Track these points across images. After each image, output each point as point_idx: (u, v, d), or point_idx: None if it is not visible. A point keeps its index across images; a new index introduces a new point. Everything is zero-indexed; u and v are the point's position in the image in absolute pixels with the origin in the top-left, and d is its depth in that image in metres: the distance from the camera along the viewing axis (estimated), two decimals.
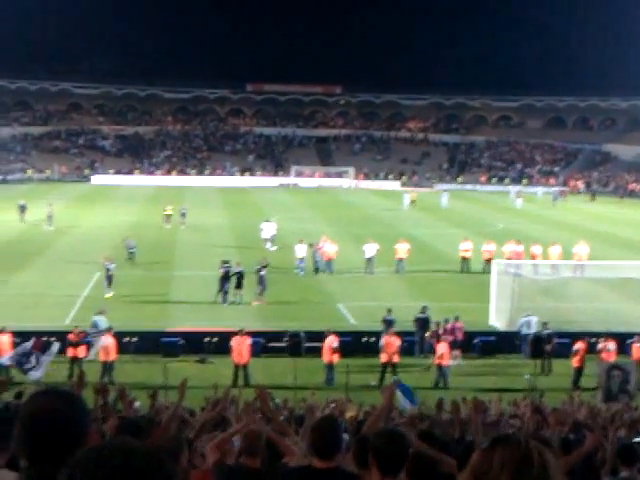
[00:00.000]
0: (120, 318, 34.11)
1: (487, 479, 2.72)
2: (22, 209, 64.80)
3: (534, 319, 32.85)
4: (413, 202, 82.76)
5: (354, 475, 6.23)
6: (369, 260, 46.95)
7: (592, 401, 24.02)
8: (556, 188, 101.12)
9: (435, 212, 79.60)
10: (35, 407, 3.33)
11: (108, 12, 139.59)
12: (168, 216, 64.01)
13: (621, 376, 26.06)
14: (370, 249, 47.07)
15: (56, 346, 26.46)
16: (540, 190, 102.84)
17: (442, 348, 29.79)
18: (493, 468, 2.73)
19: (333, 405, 21.08)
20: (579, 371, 29.87)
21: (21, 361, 25.09)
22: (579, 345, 30.00)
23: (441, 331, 31.79)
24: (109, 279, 40.41)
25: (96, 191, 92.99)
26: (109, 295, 40.01)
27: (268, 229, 54.92)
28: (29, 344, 25.68)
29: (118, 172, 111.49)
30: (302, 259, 46.21)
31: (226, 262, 40.33)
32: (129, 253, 47.62)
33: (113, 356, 28.98)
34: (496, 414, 19.52)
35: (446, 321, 32.68)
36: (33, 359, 25.11)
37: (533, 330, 32.52)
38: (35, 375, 24.85)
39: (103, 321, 31.42)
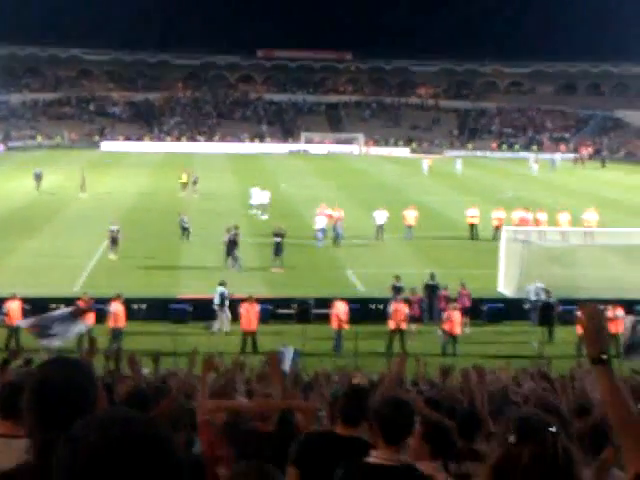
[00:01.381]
0: (129, 285, 34.26)
1: (511, 477, 2.72)
2: (38, 177, 63.59)
3: (542, 286, 32.82)
4: (430, 168, 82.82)
5: (373, 446, 6.26)
6: (380, 227, 46.84)
7: None
8: (557, 154, 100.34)
9: (448, 178, 79.40)
10: (44, 375, 3.38)
11: None
12: (184, 184, 63.46)
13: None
14: (380, 216, 46.97)
15: (86, 324, 26.06)
16: (558, 156, 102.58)
17: (454, 316, 29.75)
18: (520, 469, 2.73)
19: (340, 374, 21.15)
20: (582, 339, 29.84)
21: (45, 329, 24.55)
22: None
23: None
24: (113, 241, 41.02)
25: (106, 157, 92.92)
26: (113, 257, 40.70)
27: (258, 196, 54.37)
28: (67, 310, 25.15)
29: (128, 139, 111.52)
30: (322, 229, 45.55)
31: (235, 228, 40.46)
32: (183, 229, 45.98)
33: (122, 323, 29.07)
34: (505, 381, 19.55)
35: (446, 288, 32.69)
36: (59, 327, 24.64)
37: (542, 297, 32.49)
38: (51, 342, 24.55)
39: (226, 292, 31.73)
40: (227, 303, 31.48)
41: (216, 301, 31.46)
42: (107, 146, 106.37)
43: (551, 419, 3.15)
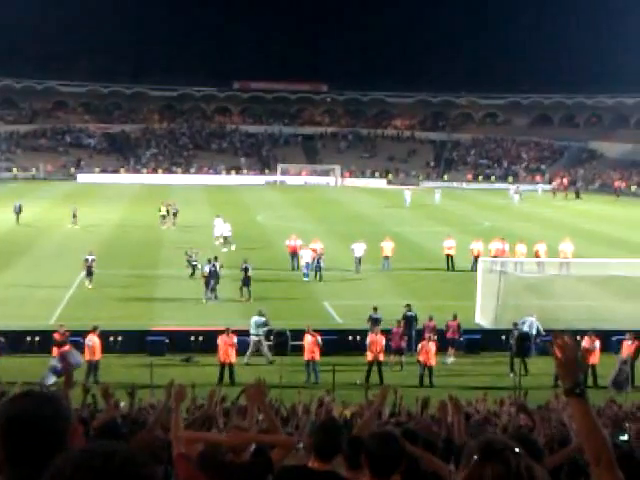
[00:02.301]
0: (106, 317, 34.09)
1: None
2: (17, 210, 63.14)
3: (535, 321, 32.86)
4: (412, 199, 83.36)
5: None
6: (358, 259, 46.67)
7: None
8: (516, 185, 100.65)
9: (425, 209, 79.68)
10: (14, 410, 3.29)
11: (94, 10, 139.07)
12: (163, 216, 62.90)
13: (626, 370, 27.18)
14: (359, 248, 46.89)
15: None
16: (540, 187, 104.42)
17: (429, 347, 29.74)
18: None
19: (318, 403, 21.08)
20: None
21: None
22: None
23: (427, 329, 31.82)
24: (88, 271, 41.52)
25: (82, 189, 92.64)
26: (89, 285, 41.21)
27: (220, 227, 54.18)
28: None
29: (104, 170, 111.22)
30: (308, 264, 44.96)
31: (215, 259, 40.50)
32: (191, 266, 43.95)
33: (98, 355, 28.87)
34: (483, 413, 19.54)
35: (431, 319, 32.63)
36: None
37: (534, 331, 32.53)
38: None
39: (261, 320, 31.91)
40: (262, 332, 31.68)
41: (252, 331, 31.46)
42: (83, 178, 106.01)
43: (517, 444, 3.13)
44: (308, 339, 30.00)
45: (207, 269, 39.75)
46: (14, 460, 3.20)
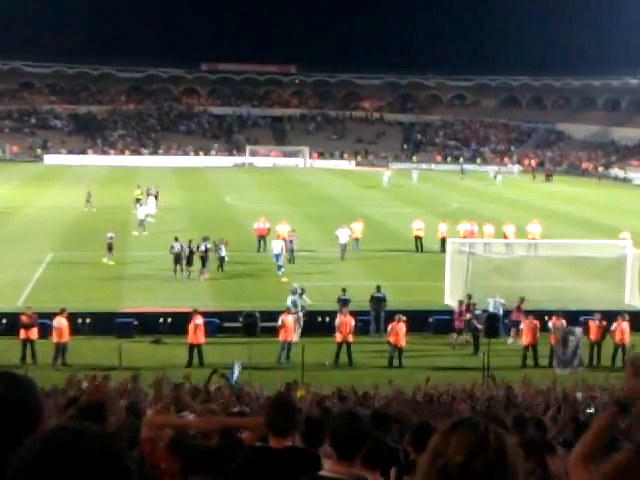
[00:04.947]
0: (75, 299, 33.90)
1: (443, 460, 2.69)
2: None
3: (502, 300, 33.22)
4: (390, 180, 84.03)
5: (309, 453, 6.24)
6: (343, 245, 45.68)
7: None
8: (495, 167, 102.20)
9: (400, 190, 79.75)
10: None
11: None
12: (137, 199, 60.22)
13: (574, 341, 27.14)
14: (343, 234, 46.01)
15: None
16: (516, 167, 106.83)
17: (399, 328, 29.73)
18: (448, 449, 2.70)
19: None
20: (526, 349, 30.17)
21: None
22: (525, 324, 30.42)
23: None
24: (109, 247, 42.82)
25: (49, 171, 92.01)
26: (109, 262, 42.55)
27: (141, 211, 52.82)
28: None
29: (71, 152, 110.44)
30: (279, 255, 42.31)
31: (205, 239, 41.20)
32: (219, 258, 41.77)
33: (66, 338, 28.67)
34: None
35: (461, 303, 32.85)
36: None
37: (500, 311, 32.89)
38: None
39: (297, 299, 32.06)
40: (299, 311, 31.77)
41: (293, 310, 31.52)
42: (50, 159, 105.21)
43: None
44: (289, 320, 29.96)
45: (203, 247, 40.34)
46: None
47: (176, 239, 40.65)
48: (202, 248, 40.30)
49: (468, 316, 31.54)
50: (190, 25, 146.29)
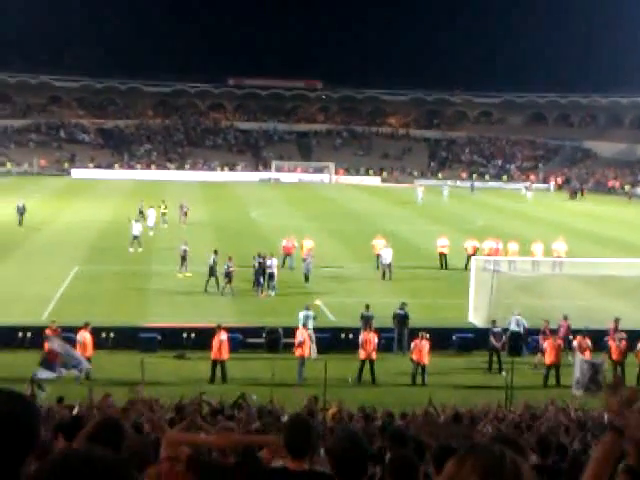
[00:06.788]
0: (98, 313, 34.00)
1: None
2: (20, 211, 59.27)
3: (522, 319, 32.99)
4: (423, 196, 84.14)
5: (328, 475, 6.16)
6: (388, 265, 45.05)
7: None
8: (527, 183, 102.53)
9: (422, 207, 79.69)
10: None
11: (90, 5, 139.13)
12: (164, 214, 60.81)
13: (591, 369, 26.73)
14: (387, 254, 45.34)
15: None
16: (552, 185, 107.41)
17: (422, 345, 29.62)
18: (463, 474, 2.69)
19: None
20: (549, 369, 29.93)
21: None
22: (549, 343, 30.19)
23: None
24: (183, 259, 43.88)
25: (76, 185, 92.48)
26: (185, 274, 43.37)
27: (136, 227, 51.83)
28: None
29: (98, 166, 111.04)
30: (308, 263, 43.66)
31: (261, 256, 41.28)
32: (269, 276, 41.58)
33: (89, 352, 28.73)
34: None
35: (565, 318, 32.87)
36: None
37: (522, 329, 32.69)
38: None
39: (310, 315, 32.02)
40: (311, 326, 31.70)
41: (309, 326, 31.54)
42: (77, 173, 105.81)
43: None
44: (305, 335, 29.97)
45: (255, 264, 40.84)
46: None
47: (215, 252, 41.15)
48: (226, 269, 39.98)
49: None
50: (217, 40, 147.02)
